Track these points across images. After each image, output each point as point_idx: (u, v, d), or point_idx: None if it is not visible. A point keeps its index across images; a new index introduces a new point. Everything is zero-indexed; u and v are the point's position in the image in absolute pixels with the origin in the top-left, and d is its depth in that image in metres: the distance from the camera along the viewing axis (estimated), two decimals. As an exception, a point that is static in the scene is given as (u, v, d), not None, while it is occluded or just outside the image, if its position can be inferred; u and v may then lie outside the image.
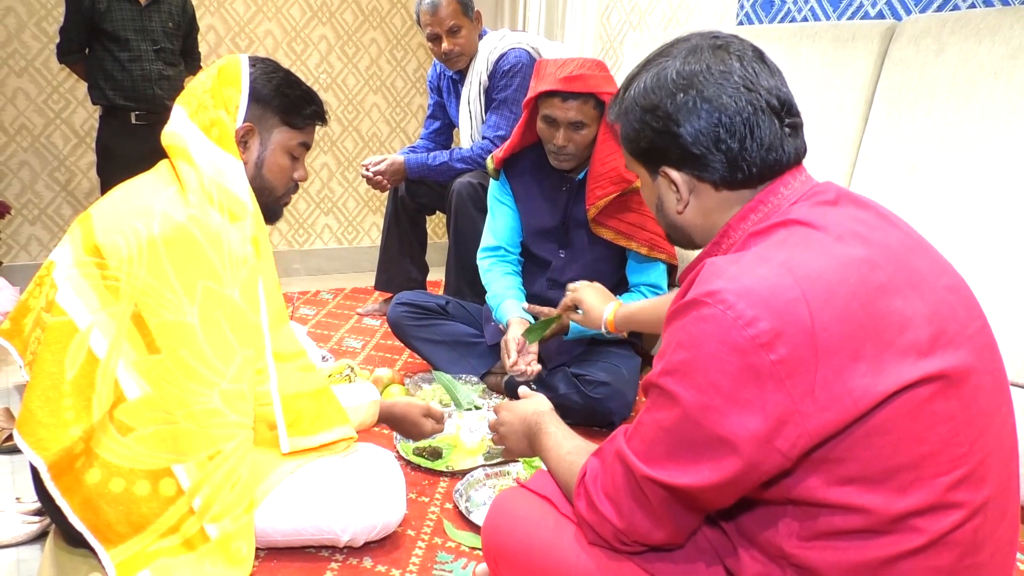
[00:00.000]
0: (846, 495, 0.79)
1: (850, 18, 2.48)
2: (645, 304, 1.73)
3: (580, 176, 2.13)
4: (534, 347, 2.01)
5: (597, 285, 1.84)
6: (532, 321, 2.07)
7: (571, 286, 1.86)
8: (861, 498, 0.78)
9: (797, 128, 0.92)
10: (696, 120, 0.89)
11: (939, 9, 2.24)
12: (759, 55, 0.92)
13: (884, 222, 0.87)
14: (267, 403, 1.37)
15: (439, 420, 1.71)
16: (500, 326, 2.15)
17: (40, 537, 1.53)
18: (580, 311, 1.84)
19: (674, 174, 0.93)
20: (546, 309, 2.07)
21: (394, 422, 1.68)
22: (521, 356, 1.97)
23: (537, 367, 1.98)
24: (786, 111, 0.90)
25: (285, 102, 1.44)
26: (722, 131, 0.88)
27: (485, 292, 2.25)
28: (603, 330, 1.77)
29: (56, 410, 1.25)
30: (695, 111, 0.89)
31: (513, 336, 1.99)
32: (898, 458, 0.77)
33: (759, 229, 0.88)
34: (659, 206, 1.00)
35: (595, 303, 1.78)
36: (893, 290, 0.79)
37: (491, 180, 2.29)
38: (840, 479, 0.78)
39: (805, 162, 0.95)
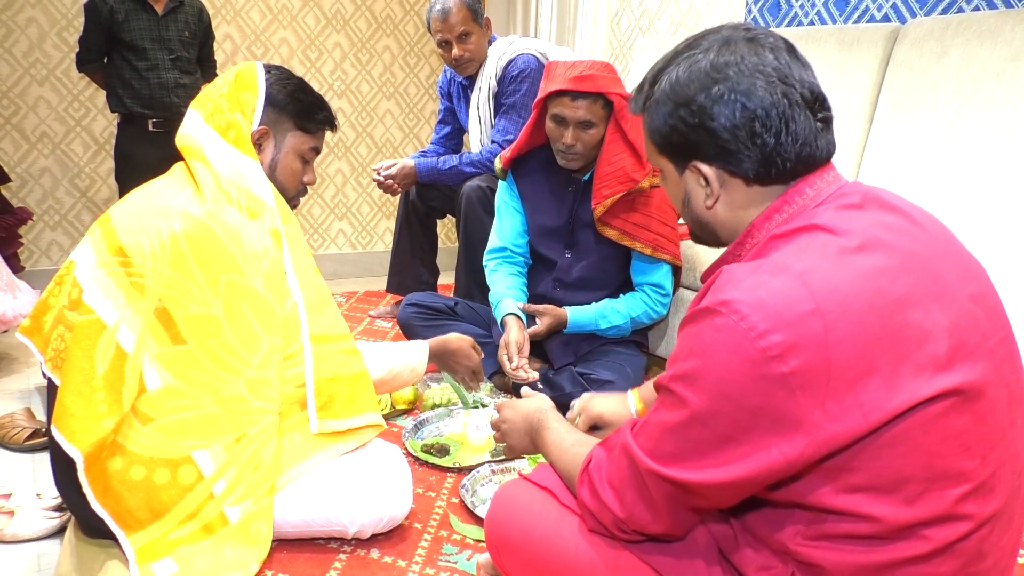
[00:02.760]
0: (854, 503, 0.79)
1: (856, 21, 2.49)
2: None
3: (586, 177, 2.16)
4: (526, 351, 2.04)
5: (599, 395, 1.50)
6: (524, 320, 2.10)
7: (577, 404, 1.47)
8: (869, 507, 0.78)
9: (829, 122, 0.90)
10: (731, 113, 0.86)
11: (944, 12, 2.25)
12: (790, 48, 0.90)
13: (912, 225, 0.85)
14: (301, 384, 1.40)
15: (478, 352, 1.90)
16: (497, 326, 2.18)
17: (60, 532, 1.56)
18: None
19: (705, 168, 0.91)
20: (540, 308, 2.09)
21: (447, 355, 1.87)
22: (520, 359, 2.00)
23: (535, 375, 2.01)
24: (819, 105, 0.88)
25: (300, 107, 1.50)
26: (758, 125, 0.86)
27: (492, 293, 2.27)
28: (634, 412, 1.43)
29: (89, 404, 1.29)
30: (730, 104, 0.86)
31: (512, 339, 2.01)
32: (908, 470, 0.77)
33: (782, 232, 0.86)
34: (686, 201, 0.97)
35: (614, 406, 1.45)
36: (913, 302, 0.78)
37: (499, 183, 2.33)
38: (849, 487, 0.79)
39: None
